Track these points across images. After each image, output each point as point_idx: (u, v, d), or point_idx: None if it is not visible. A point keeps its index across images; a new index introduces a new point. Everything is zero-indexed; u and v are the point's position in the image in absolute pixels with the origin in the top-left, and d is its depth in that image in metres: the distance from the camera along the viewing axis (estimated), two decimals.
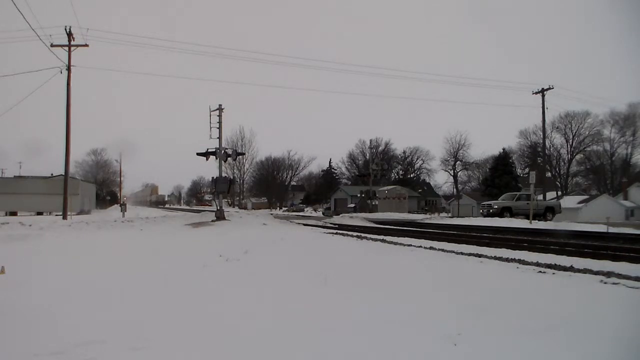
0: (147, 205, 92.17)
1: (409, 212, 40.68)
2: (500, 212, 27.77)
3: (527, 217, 25.96)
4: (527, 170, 57.47)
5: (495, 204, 29.66)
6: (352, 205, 49.13)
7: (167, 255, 9.95)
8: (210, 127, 22.99)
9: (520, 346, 3.48)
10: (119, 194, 76.42)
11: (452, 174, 77.50)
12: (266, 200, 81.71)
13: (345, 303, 4.89)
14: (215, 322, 4.17)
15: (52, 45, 23.67)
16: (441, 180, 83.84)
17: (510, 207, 28.21)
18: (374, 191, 38.41)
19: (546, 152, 50.73)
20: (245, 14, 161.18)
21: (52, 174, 51.64)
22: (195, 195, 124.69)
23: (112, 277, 6.69)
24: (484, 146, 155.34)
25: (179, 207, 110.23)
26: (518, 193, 31.52)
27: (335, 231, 18.17)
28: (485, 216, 28.63)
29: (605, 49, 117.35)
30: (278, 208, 75.60)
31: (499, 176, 51.17)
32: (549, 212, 28.25)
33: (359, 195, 49.25)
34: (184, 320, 4.25)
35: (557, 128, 63.25)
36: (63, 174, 26.53)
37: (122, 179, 77.60)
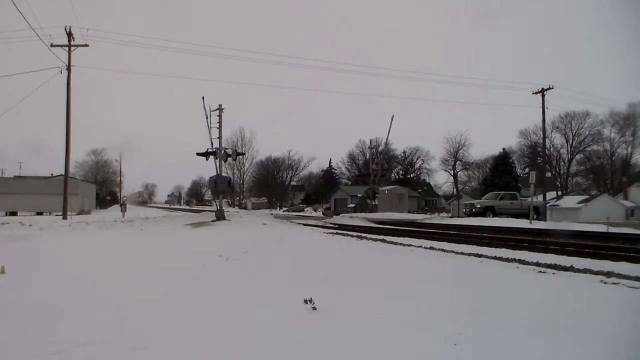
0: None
1: (409, 212, 40.61)
2: (483, 212, 27.55)
3: (511, 217, 25.86)
4: (527, 170, 57.55)
5: (478, 203, 29.46)
6: (352, 205, 49.09)
7: (167, 255, 9.96)
8: (210, 127, 23.01)
9: (520, 346, 3.48)
10: (119, 194, 76.50)
11: (452, 174, 77.65)
12: (266, 200, 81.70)
13: (346, 303, 4.89)
14: (215, 322, 4.17)
15: (52, 45, 23.71)
16: (441, 180, 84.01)
17: (494, 207, 27.97)
18: (374, 191, 38.34)
19: (546, 152, 50.77)
20: (245, 14, 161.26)
21: (52, 174, 51.74)
22: (196, 195, 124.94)
23: (112, 277, 6.69)
24: (484, 146, 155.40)
25: (179, 206, 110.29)
26: (502, 192, 31.24)
27: (335, 231, 18.16)
28: (468, 215, 28.44)
29: (605, 49, 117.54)
30: (278, 208, 75.58)
31: (499, 176, 51.19)
32: (534, 211, 28.19)
33: (359, 195, 49.23)
34: (184, 320, 4.24)
35: (557, 128, 63.42)
36: (63, 174, 26.56)
37: (122, 179, 77.78)
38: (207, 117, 22.89)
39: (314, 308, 4.43)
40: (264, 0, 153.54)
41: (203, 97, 22.87)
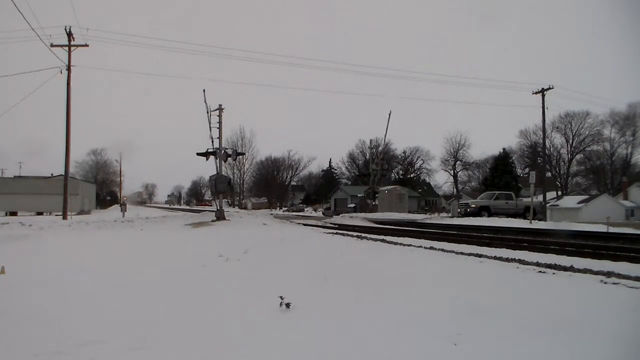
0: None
1: (409, 212, 40.60)
2: (478, 212, 27.39)
3: (506, 217, 25.82)
4: (527, 170, 57.56)
5: (473, 202, 29.34)
6: (352, 205, 49.09)
7: (167, 255, 9.95)
8: (211, 127, 22.98)
9: (520, 346, 3.48)
10: (119, 194, 76.52)
11: (452, 174, 77.77)
12: (266, 200, 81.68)
13: (346, 302, 4.89)
14: (215, 322, 4.17)
15: (52, 45, 23.67)
16: (441, 180, 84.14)
17: (488, 207, 27.80)
18: (374, 191, 38.35)
19: (546, 152, 50.73)
20: (245, 14, 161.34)
21: (52, 174, 51.74)
22: (195, 195, 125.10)
23: (112, 277, 6.69)
24: (484, 146, 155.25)
25: (179, 206, 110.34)
26: (497, 192, 31.13)
27: (335, 231, 18.16)
28: (463, 215, 28.35)
29: (605, 49, 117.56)
30: (278, 208, 75.56)
31: (499, 176, 51.22)
32: (529, 212, 28.09)
33: (359, 195, 49.25)
34: (183, 320, 4.24)
35: (557, 128, 63.39)
36: (63, 174, 26.52)
37: (122, 179, 77.79)
38: (207, 112, 22.74)
39: (315, 308, 4.44)
40: (265, 0, 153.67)
41: (204, 90, 22.63)
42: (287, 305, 4.46)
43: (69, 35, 24.11)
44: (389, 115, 36.76)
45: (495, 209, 27.62)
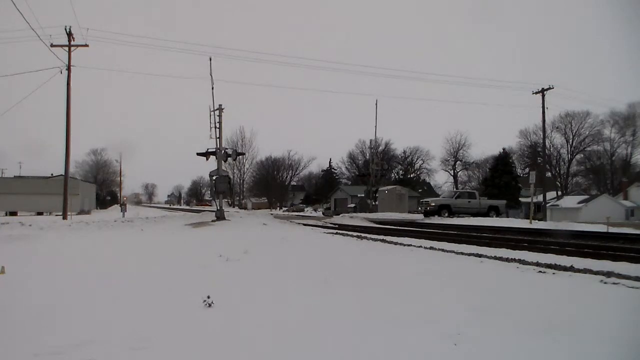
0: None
1: (409, 212, 40.60)
2: (438, 210, 27.20)
3: (470, 216, 25.73)
4: (527, 170, 57.55)
5: (433, 201, 29.18)
6: (352, 205, 49.12)
7: (167, 255, 9.95)
8: (211, 127, 22.96)
9: (520, 346, 3.48)
10: (119, 194, 76.58)
11: (452, 174, 77.74)
12: (266, 200, 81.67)
13: (345, 303, 4.89)
14: (215, 322, 4.16)
15: (52, 45, 23.70)
16: (441, 180, 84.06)
17: (449, 205, 27.57)
18: (374, 191, 38.39)
19: (546, 152, 50.73)
20: (245, 14, 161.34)
21: (52, 174, 51.78)
22: (195, 195, 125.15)
23: (112, 277, 6.69)
24: (484, 146, 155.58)
25: (179, 206, 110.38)
26: (459, 191, 31.10)
27: (335, 231, 18.16)
28: (424, 214, 28.24)
29: (605, 49, 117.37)
30: (278, 208, 75.55)
31: (499, 176, 51.15)
32: (493, 210, 28.02)
33: (359, 195, 49.28)
34: (183, 320, 4.24)
35: (557, 128, 63.43)
36: (63, 174, 26.54)
37: (122, 179, 77.85)
38: (212, 87, 22.37)
39: (315, 309, 4.43)
40: (265, 0, 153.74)
41: (210, 58, 22.28)
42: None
43: (69, 35, 24.13)
44: (376, 103, 37.35)
45: (457, 207, 27.35)
